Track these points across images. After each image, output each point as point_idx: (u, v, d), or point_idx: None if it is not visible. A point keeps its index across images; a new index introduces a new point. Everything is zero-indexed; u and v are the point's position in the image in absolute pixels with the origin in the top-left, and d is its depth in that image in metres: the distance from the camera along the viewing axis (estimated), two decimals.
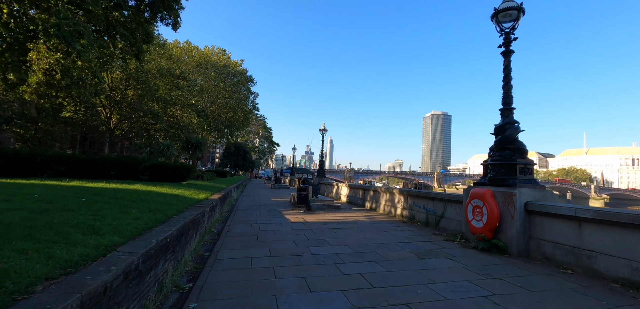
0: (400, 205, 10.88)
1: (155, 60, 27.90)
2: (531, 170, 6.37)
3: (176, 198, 8.13)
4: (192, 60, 41.32)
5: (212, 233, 7.76)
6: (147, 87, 25.20)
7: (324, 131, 24.85)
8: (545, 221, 5.58)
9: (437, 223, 8.62)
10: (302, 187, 12.48)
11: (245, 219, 10.05)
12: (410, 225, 9.41)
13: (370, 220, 10.42)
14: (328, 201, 13.73)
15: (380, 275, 4.62)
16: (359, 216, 11.33)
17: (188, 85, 31.72)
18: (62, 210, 4.64)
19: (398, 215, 10.87)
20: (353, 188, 16.45)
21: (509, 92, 6.77)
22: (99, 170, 12.17)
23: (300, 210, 12.29)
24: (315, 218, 10.38)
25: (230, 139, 55.64)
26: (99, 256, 2.92)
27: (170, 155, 22.92)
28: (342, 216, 11.06)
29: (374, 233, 7.96)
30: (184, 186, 12.93)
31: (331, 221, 9.92)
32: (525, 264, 5.34)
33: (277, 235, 7.62)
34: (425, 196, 9.45)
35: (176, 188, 10.86)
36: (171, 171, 14.05)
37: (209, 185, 16.67)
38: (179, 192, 9.68)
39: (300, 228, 8.58)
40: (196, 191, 11.07)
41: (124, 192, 7.80)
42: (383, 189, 12.50)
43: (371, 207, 13.42)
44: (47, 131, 18.53)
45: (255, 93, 51.80)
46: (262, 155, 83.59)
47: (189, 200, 8.27)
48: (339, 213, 11.90)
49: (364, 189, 14.70)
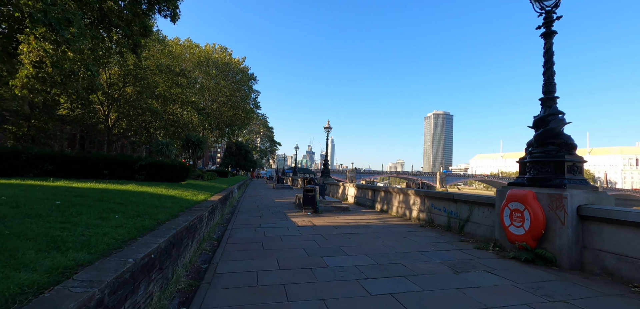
0: (416, 207, 10.01)
1: (154, 57, 27.10)
2: (581, 169, 5.49)
3: (171, 200, 7.29)
4: (192, 58, 40.51)
5: (212, 239, 6.91)
6: (145, 83, 24.41)
7: (328, 129, 23.98)
8: (604, 229, 4.70)
9: (461, 228, 7.75)
10: (309, 187, 11.63)
11: (248, 222, 9.20)
12: (429, 229, 8.55)
13: (384, 223, 9.55)
14: (336, 203, 12.87)
15: (416, 296, 3.76)
16: (370, 218, 10.47)
17: (188, 83, 30.95)
18: (27, 216, 3.79)
19: (414, 218, 10.00)
20: (361, 188, 15.59)
21: (551, 79, 5.90)
22: (90, 169, 11.33)
23: (307, 212, 11.44)
24: (324, 221, 9.53)
25: (231, 138, 54.82)
26: (48, 285, 2.08)
27: (170, 154, 22.11)
28: (353, 219, 10.20)
29: (392, 239, 7.10)
30: (182, 186, 12.10)
31: (342, 224, 9.07)
32: (584, 280, 4.47)
33: (284, 241, 6.77)
34: (446, 197, 8.58)
35: (173, 189, 10.03)
36: (169, 170, 13.21)
37: (209, 185, 15.84)
38: (175, 193, 8.84)
39: (310, 232, 7.73)
40: (195, 192, 10.24)
41: (113, 193, 6.96)
42: (396, 189, 11.64)
43: (382, 208, 12.55)
44: (41, 128, 17.73)
45: (256, 92, 50.98)
46: (263, 154, 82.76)
47: (185, 201, 7.42)
48: (348, 216, 11.04)
49: (374, 189, 13.83)
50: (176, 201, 7.14)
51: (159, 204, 6.31)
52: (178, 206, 6.56)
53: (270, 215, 10.99)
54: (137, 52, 17.03)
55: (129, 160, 12.05)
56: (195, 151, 25.67)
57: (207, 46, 43.51)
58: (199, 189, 11.86)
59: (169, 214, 5.37)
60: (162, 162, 13.17)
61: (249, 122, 53.89)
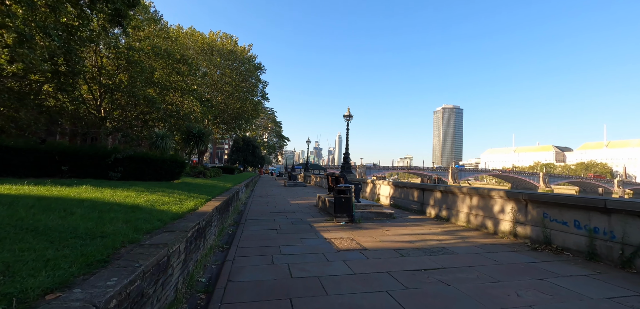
0: (507, 216, 6.77)
1: (150, 38, 24.11)
2: None
3: (130, 215, 4.20)
4: (195, 46, 37.55)
5: (197, 288, 3.81)
6: (139, 68, 21.40)
7: (348, 117, 20.77)
8: None
9: (628, 260, 4.51)
10: (342, 188, 8.44)
11: (260, 241, 6.08)
12: (550, 254, 5.32)
13: (465, 242, 6.34)
14: (375, 207, 9.67)
15: None
16: (436, 232, 7.27)
17: (190, 71, 27.94)
18: None
19: (504, 232, 6.76)
20: (400, 186, 12.33)
21: None
22: (40, 164, 8.29)
23: (340, 221, 8.29)
24: (372, 239, 6.36)
25: (238, 133, 51.87)
26: None
27: (167, 148, 19.14)
28: (411, 234, 7.01)
29: (512, 281, 3.92)
30: (172, 187, 9.06)
31: (403, 245, 5.89)
32: None
33: (329, 289, 3.63)
34: (580, 205, 5.30)
35: (152, 192, 6.96)
36: (156, 166, 10.17)
37: (211, 184, 12.78)
38: (149, 199, 5.75)
39: (364, 265, 4.57)
40: (184, 195, 7.17)
41: (30, 203, 3.88)
42: (464, 189, 8.38)
43: (439, 215, 9.32)
44: (11, 117, 14.82)
45: (264, 82, 47.52)
46: (271, 150, 79.81)
47: (155, 216, 4.32)
48: (399, 227, 7.86)
49: (423, 188, 10.56)
50: (136, 219, 4.03)
51: (85, 230, 3.19)
52: (131, 228, 3.46)
53: (290, 226, 7.86)
54: (124, 25, 14.02)
55: (98, 153, 9.01)
56: (197, 144, 22.70)
57: (211, 33, 40.46)
58: (193, 190, 8.81)
59: (75, 263, 2.26)
60: (147, 155, 10.11)
61: (256, 115, 50.78)
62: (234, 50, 40.54)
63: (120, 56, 20.98)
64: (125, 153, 9.41)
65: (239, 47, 41.51)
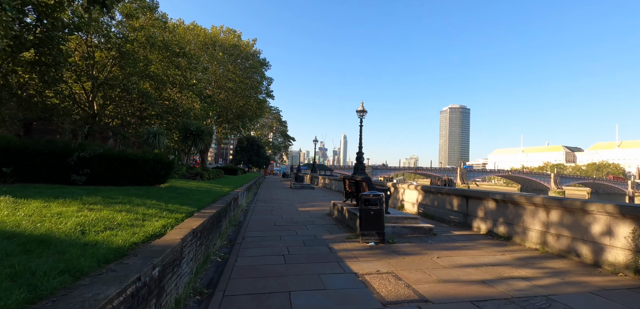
0: (619, 241, 4.66)
1: (145, 28, 22.25)
2: None
3: (20, 257, 2.20)
4: (197, 41, 35.70)
5: None
6: (132, 59, 19.48)
7: (362, 112, 18.62)
8: None
9: None
10: (368, 198, 6.37)
11: (259, 279, 4.05)
12: None
13: (562, 280, 4.25)
14: (408, 219, 7.55)
15: None
16: (505, 261, 5.17)
17: (190, 65, 26.01)
18: None
19: (615, 265, 4.65)
20: (432, 192, 10.21)
21: None
22: None
23: (367, 240, 6.23)
24: (423, 275, 4.30)
25: (243, 132, 49.92)
26: None
27: (160, 146, 17.21)
28: (473, 264, 4.92)
29: None
30: (153, 193, 7.09)
31: (476, 289, 3.82)
32: None
33: None
34: None
35: (113, 203, 4.97)
36: (135, 167, 8.18)
37: (204, 188, 10.79)
38: (95, 216, 3.75)
39: None
40: (157, 208, 5.16)
41: None
42: (537, 199, 6.25)
43: (492, 231, 7.21)
44: None
45: (269, 79, 45.41)
46: (276, 150, 77.85)
47: (53, 268, 2.31)
48: (450, 250, 5.78)
49: (467, 196, 8.42)
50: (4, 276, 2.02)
51: None
52: None
53: (303, 248, 5.81)
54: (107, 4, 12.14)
55: (56, 150, 7.02)
56: (196, 143, 20.79)
57: (213, 28, 38.60)
58: (178, 198, 6.84)
59: None
60: (123, 154, 8.11)
61: (261, 114, 48.83)
62: (237, 44, 38.62)
63: (111, 47, 19.09)
64: (92, 152, 7.43)
65: (242, 42, 39.57)
